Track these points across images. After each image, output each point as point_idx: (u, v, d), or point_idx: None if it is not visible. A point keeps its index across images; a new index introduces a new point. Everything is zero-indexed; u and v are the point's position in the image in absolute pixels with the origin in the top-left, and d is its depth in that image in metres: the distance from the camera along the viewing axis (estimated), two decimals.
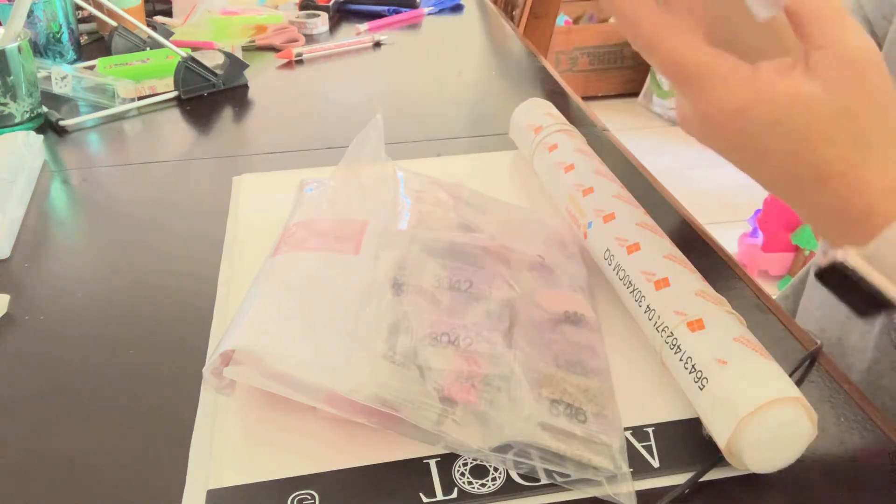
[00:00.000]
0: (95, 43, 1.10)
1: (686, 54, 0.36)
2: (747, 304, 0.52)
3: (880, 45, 0.62)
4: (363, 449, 0.40)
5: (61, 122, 0.81)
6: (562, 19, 2.91)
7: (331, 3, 1.18)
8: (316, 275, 0.46)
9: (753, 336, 0.42)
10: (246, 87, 0.93)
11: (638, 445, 0.41)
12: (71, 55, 0.99)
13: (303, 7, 1.18)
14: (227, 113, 0.87)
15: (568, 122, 0.65)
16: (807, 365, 0.47)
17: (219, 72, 0.90)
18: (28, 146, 0.72)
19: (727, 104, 0.36)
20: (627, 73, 2.92)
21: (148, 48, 0.99)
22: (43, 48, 0.97)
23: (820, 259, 0.37)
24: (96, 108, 0.85)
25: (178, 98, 0.88)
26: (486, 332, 0.43)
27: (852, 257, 0.35)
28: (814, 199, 0.37)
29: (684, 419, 0.42)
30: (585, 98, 0.88)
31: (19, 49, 0.77)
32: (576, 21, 2.98)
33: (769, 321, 0.51)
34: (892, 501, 0.39)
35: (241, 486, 0.39)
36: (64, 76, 0.88)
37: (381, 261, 0.46)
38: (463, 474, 0.39)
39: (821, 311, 0.68)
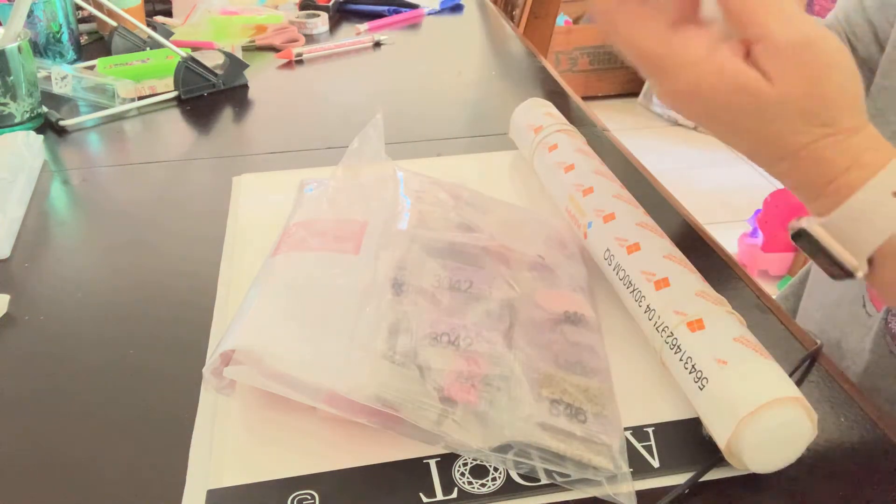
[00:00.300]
0: (95, 43, 1.10)
1: (640, 42, 0.37)
2: (747, 304, 0.52)
3: (882, 48, 0.62)
4: (363, 449, 0.40)
5: (61, 122, 0.81)
6: (562, 19, 2.91)
7: (331, 3, 1.18)
8: (316, 275, 0.46)
9: (753, 336, 0.42)
10: (246, 87, 0.93)
11: (638, 445, 0.41)
12: (71, 55, 0.99)
13: (303, 7, 1.18)
14: (227, 113, 0.87)
15: (568, 122, 0.65)
16: (807, 365, 0.47)
17: (219, 72, 0.90)
18: (28, 146, 0.72)
19: (682, 86, 0.37)
20: (627, 73, 2.92)
21: (148, 48, 0.99)
22: (43, 48, 0.97)
23: (794, 223, 0.38)
24: (96, 108, 0.85)
25: (178, 98, 0.88)
26: (486, 332, 0.43)
27: (813, 226, 0.37)
28: (781, 171, 0.38)
29: (684, 419, 0.42)
30: (585, 98, 0.88)
31: (19, 49, 0.77)
32: (576, 21, 2.98)
33: (769, 321, 0.51)
34: (892, 501, 0.39)
35: (241, 486, 0.39)
36: (64, 76, 0.88)
37: (381, 261, 0.46)
38: (463, 474, 0.39)
39: (820, 312, 0.68)
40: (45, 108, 0.82)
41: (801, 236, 0.38)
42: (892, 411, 0.58)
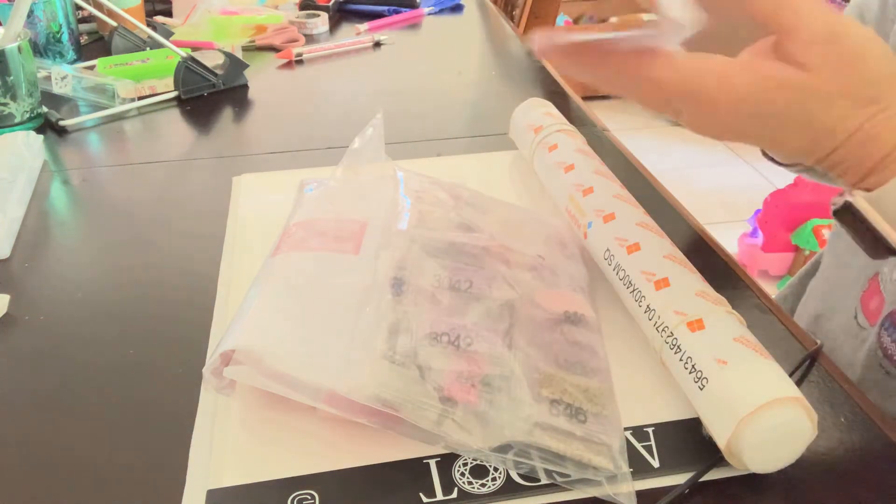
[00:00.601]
0: (95, 43, 1.10)
1: (663, 74, 0.37)
2: (747, 304, 0.52)
3: None
4: (363, 449, 0.40)
5: (61, 122, 0.81)
6: (562, 19, 2.91)
7: (331, 3, 1.18)
8: (316, 275, 0.46)
9: (753, 336, 0.42)
10: (246, 87, 0.93)
11: (638, 445, 0.41)
12: (71, 55, 0.99)
13: (303, 7, 1.18)
14: (227, 113, 0.87)
15: (568, 122, 0.65)
16: (807, 365, 0.47)
17: (219, 72, 0.90)
18: (28, 146, 0.72)
19: (722, 105, 0.37)
20: None
21: (148, 48, 0.99)
22: (43, 48, 0.97)
23: (837, 199, 0.38)
24: (96, 108, 0.85)
25: (178, 98, 0.88)
26: (486, 332, 0.43)
27: (859, 201, 0.37)
28: (834, 161, 0.38)
29: (684, 419, 0.42)
30: (585, 98, 0.88)
31: (19, 49, 0.77)
32: (576, 21, 2.98)
33: (769, 321, 0.51)
34: (892, 502, 0.39)
35: (241, 486, 0.39)
36: (64, 76, 0.88)
37: (381, 261, 0.46)
38: (463, 474, 0.39)
39: (815, 321, 0.67)
40: (45, 108, 0.82)
41: (845, 212, 0.38)
42: None
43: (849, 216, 0.38)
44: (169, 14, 1.19)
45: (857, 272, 0.62)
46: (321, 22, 1.12)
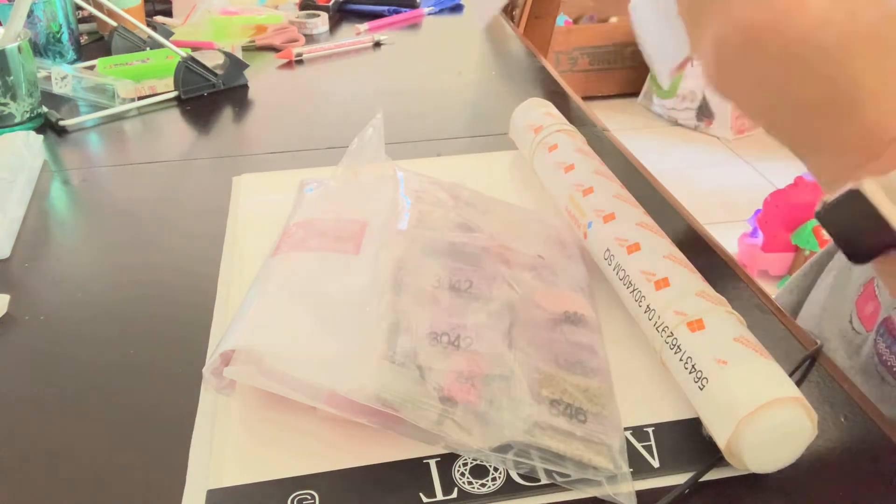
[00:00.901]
0: (95, 43, 1.10)
1: None
2: (747, 304, 0.52)
3: None
4: (363, 449, 0.40)
5: (61, 122, 0.81)
6: (562, 19, 2.91)
7: (331, 3, 1.18)
8: (316, 275, 0.46)
9: (753, 336, 0.42)
10: (246, 87, 0.93)
11: (638, 445, 0.41)
12: (71, 55, 0.99)
13: (303, 7, 1.18)
14: (227, 113, 0.87)
15: (568, 122, 0.65)
16: (807, 365, 0.47)
17: (219, 72, 0.90)
18: (28, 146, 0.72)
19: (768, 11, 0.34)
20: (627, 73, 2.92)
21: (148, 48, 0.99)
22: (43, 48, 0.97)
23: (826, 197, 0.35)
24: (96, 108, 0.85)
25: (178, 98, 0.88)
26: (486, 332, 0.43)
27: (868, 185, 0.33)
28: (842, 128, 0.35)
29: (684, 419, 0.42)
30: (585, 98, 0.88)
31: (19, 49, 0.77)
32: (576, 21, 2.99)
33: (769, 321, 0.51)
34: (893, 502, 0.39)
35: (241, 486, 0.39)
36: (64, 76, 0.88)
37: (380, 261, 0.46)
38: (463, 474, 0.39)
39: (817, 330, 0.67)
40: (45, 108, 0.82)
41: (836, 208, 0.35)
42: None
43: (840, 212, 0.34)
44: (169, 14, 1.19)
45: (852, 275, 0.61)
46: (321, 22, 1.12)
